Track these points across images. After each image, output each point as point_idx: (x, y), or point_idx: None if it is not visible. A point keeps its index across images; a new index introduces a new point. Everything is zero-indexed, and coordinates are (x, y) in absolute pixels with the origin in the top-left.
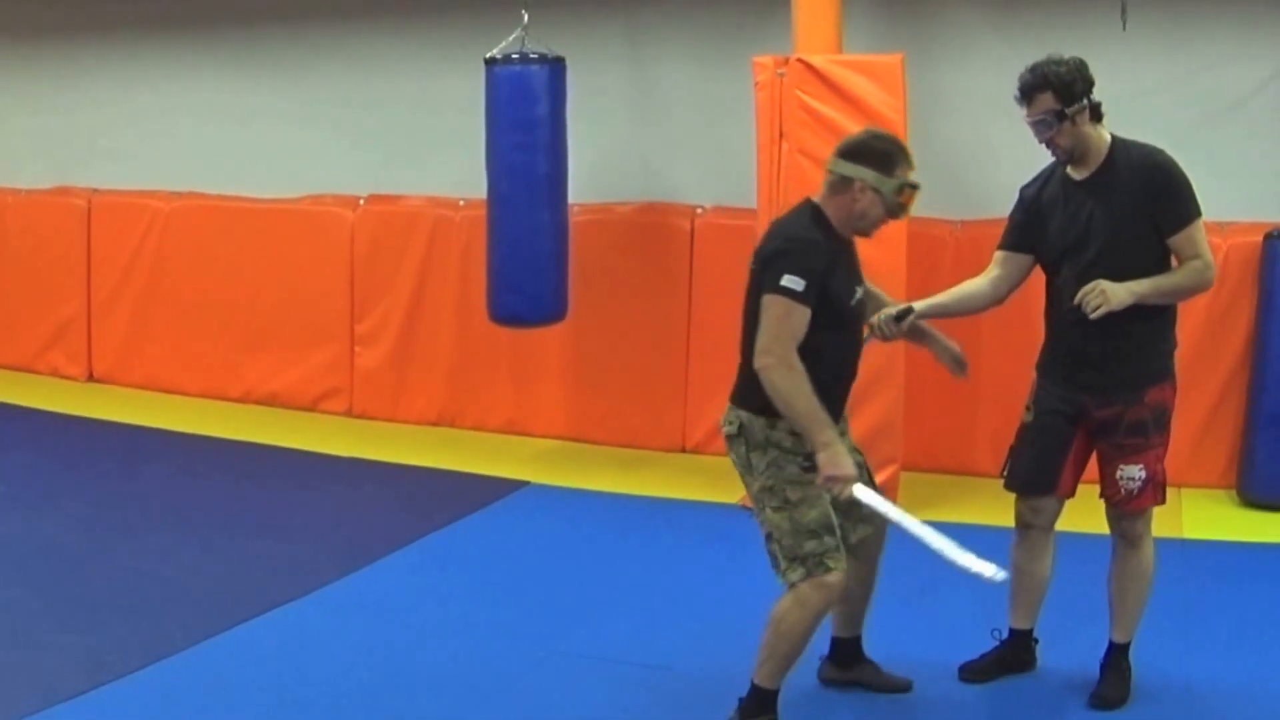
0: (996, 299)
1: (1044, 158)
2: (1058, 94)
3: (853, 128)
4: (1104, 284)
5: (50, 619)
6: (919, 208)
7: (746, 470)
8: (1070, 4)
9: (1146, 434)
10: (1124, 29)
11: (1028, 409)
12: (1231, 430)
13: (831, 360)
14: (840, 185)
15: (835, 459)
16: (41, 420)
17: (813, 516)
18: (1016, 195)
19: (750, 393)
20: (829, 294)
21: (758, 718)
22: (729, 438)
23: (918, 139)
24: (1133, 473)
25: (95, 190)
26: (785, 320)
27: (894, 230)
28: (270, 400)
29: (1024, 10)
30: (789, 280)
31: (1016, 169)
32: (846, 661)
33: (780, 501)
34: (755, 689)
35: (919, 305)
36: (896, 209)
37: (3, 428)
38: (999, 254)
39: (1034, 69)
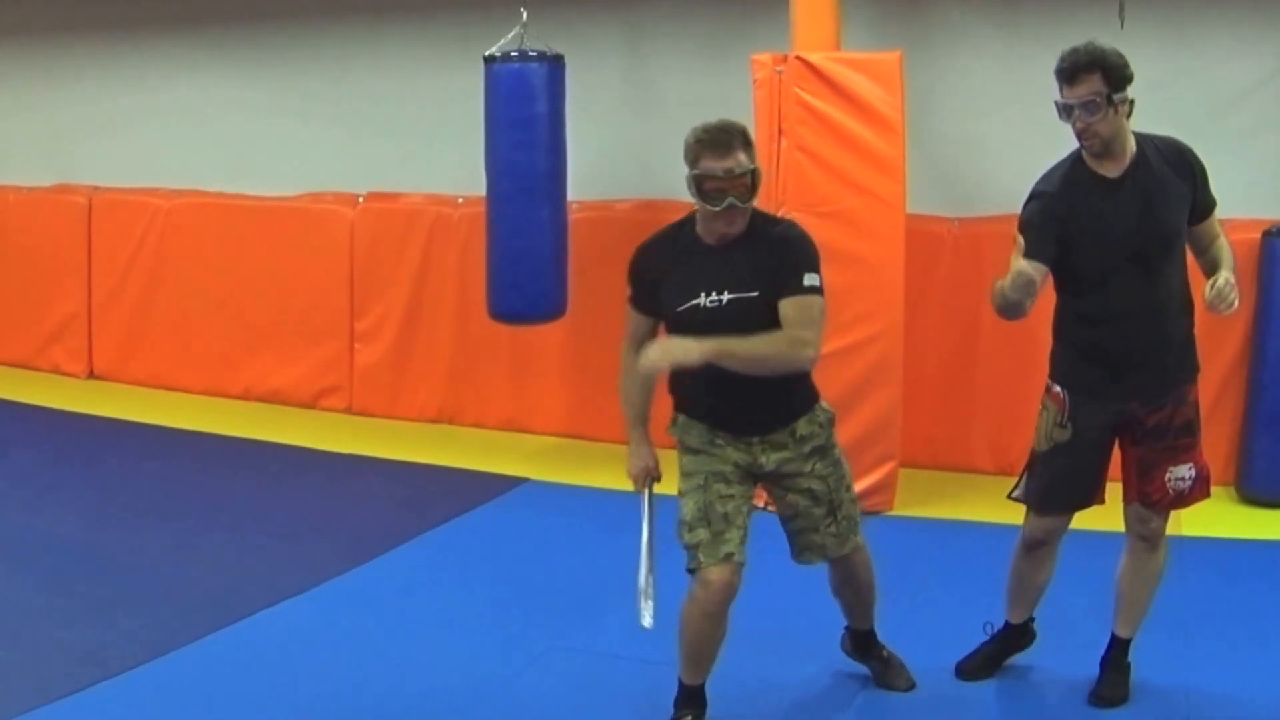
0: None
1: (1040, 156)
2: (1106, 77)
3: (851, 125)
4: (1230, 276)
5: (51, 615)
6: (917, 204)
7: None
8: (1069, 1)
9: (1194, 432)
10: (1121, 26)
11: (1062, 426)
12: (1230, 428)
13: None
14: None
15: (628, 459)
16: (42, 417)
17: (689, 509)
18: (1032, 201)
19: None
20: (658, 301)
21: (679, 712)
22: None
23: (916, 136)
24: (1183, 473)
25: (96, 188)
26: (626, 320)
27: (892, 227)
28: (270, 397)
29: (1022, 7)
30: (629, 286)
31: (1015, 166)
32: (857, 646)
33: (679, 492)
34: (678, 683)
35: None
36: (701, 200)
37: (3, 424)
38: (1037, 265)
39: (1081, 49)
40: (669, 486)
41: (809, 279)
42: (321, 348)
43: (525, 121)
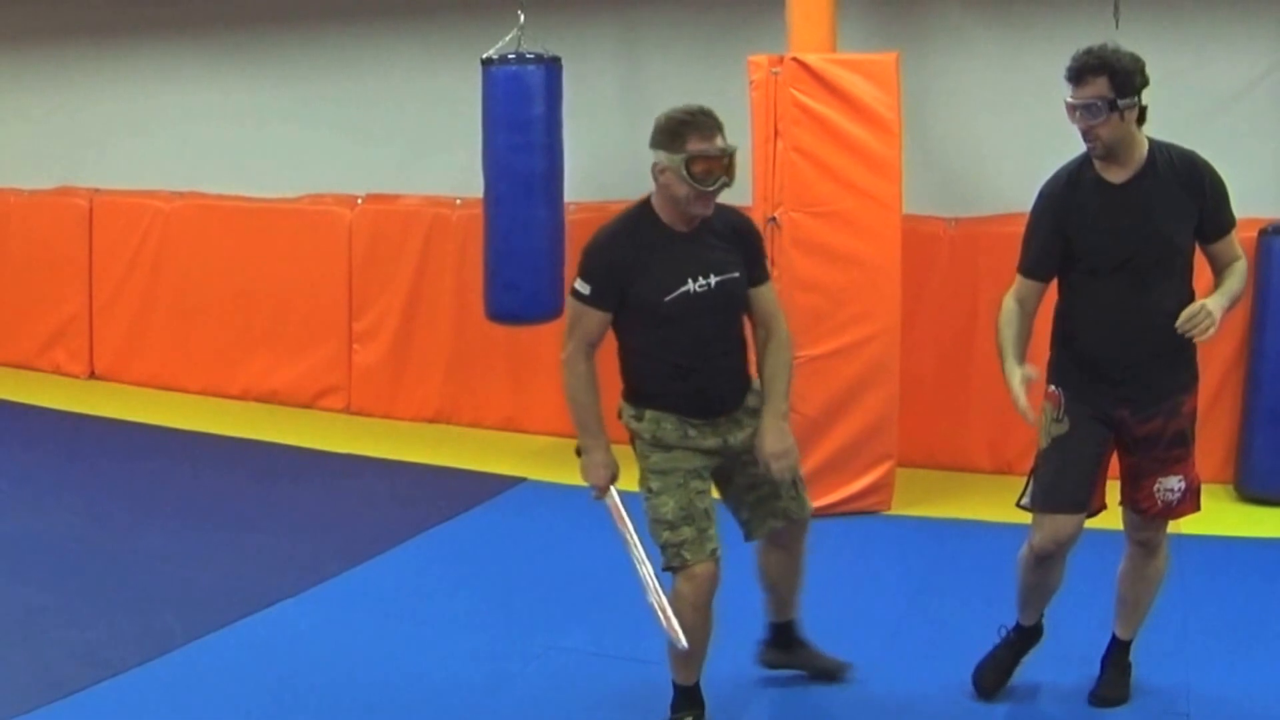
0: None
1: (1038, 157)
2: (1113, 81)
3: (847, 126)
4: (1209, 304)
5: (51, 615)
6: (914, 205)
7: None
8: (1065, 1)
9: (1186, 444)
10: (1117, 26)
11: (1059, 421)
12: (1228, 425)
13: (666, 354)
14: (653, 173)
15: (586, 467)
16: (43, 417)
17: (669, 508)
18: (1037, 204)
19: (623, 379)
20: (631, 294)
21: (679, 714)
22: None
23: (913, 137)
24: (1172, 484)
25: (97, 190)
26: (576, 322)
27: (888, 227)
28: (269, 397)
29: (1017, 8)
30: (578, 284)
31: (1011, 167)
32: (782, 644)
33: (646, 490)
34: (673, 686)
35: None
36: (693, 182)
37: (4, 425)
38: (1034, 285)
39: (1092, 51)
40: (625, 483)
41: (767, 265)
42: (320, 348)
43: (522, 123)
